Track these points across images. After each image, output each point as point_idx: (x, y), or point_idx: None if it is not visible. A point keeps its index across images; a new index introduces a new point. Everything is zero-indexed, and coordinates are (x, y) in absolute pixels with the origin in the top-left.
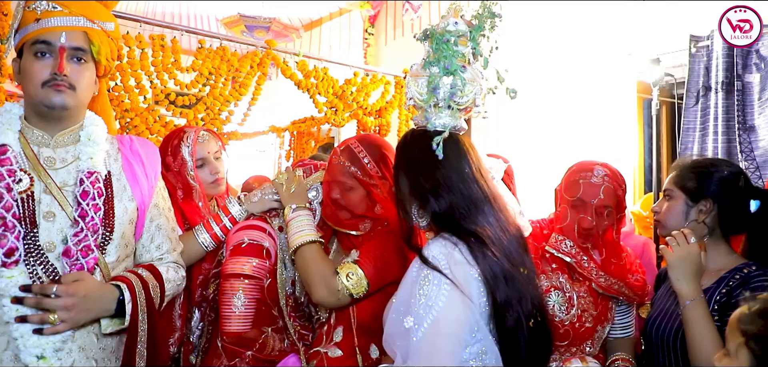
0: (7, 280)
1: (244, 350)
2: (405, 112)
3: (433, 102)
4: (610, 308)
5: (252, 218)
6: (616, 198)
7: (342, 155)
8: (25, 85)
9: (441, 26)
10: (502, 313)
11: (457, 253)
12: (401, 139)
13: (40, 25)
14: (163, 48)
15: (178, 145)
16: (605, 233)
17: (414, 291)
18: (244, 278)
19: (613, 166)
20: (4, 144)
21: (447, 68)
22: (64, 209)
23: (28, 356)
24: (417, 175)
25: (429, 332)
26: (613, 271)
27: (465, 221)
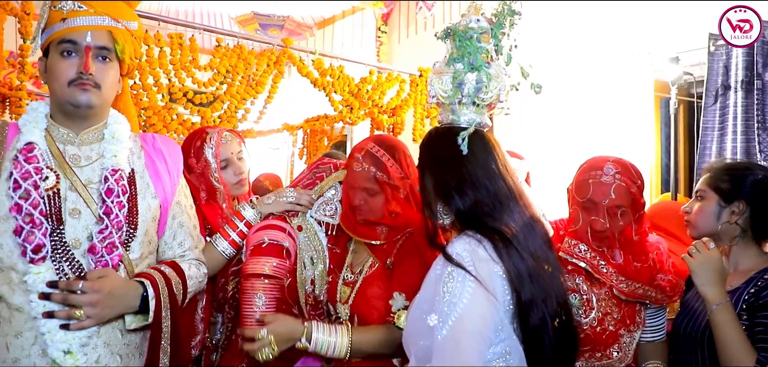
0: (35, 276)
1: None
2: (420, 110)
3: (458, 98)
4: (637, 311)
5: (271, 218)
6: (629, 197)
7: (364, 161)
8: (51, 84)
9: (463, 24)
10: (527, 312)
11: (482, 250)
12: (425, 138)
13: (66, 25)
14: (182, 47)
15: (201, 146)
16: (622, 234)
17: (438, 289)
18: (265, 277)
19: (626, 161)
20: (31, 142)
21: (472, 64)
22: (89, 206)
23: (55, 351)
24: (442, 172)
25: (453, 330)
26: (636, 274)
27: (490, 218)
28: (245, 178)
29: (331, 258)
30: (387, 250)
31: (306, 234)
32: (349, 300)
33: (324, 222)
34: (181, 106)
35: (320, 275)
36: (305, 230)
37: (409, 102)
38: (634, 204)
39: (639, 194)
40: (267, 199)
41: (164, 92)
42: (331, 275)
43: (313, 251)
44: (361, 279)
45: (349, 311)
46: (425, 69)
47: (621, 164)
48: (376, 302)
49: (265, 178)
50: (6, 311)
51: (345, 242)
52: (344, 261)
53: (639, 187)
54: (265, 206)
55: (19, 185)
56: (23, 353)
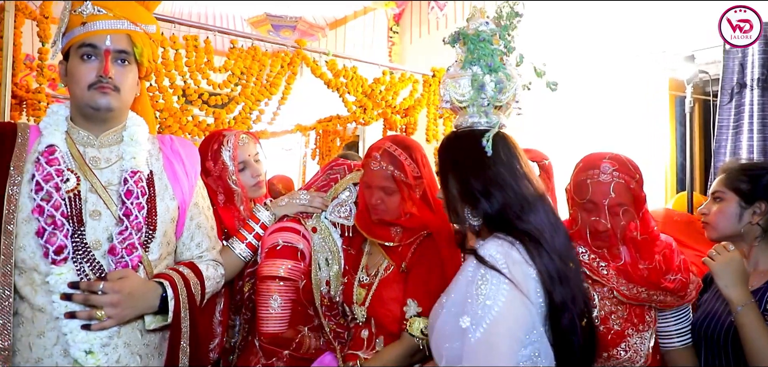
0: (57, 277)
1: (281, 350)
2: (433, 110)
3: (479, 101)
4: (646, 310)
5: (286, 219)
6: (629, 193)
7: (382, 160)
8: (72, 87)
9: (472, 27)
10: (559, 313)
11: (515, 252)
12: (445, 142)
13: (86, 29)
14: (197, 49)
15: (218, 149)
16: (625, 233)
17: (470, 291)
18: (280, 279)
19: (622, 156)
20: (52, 144)
21: (490, 66)
22: (109, 208)
23: (77, 351)
24: (467, 176)
25: (488, 332)
26: (640, 276)
27: (519, 220)
28: (263, 180)
29: (346, 259)
30: (402, 253)
31: (321, 235)
32: (365, 302)
33: (338, 224)
34: (197, 107)
35: (335, 276)
36: (320, 232)
37: (422, 102)
38: (635, 200)
39: (639, 189)
40: (281, 201)
41: (179, 94)
42: (346, 276)
43: (328, 252)
44: (376, 281)
45: (366, 313)
46: (438, 69)
47: (618, 160)
48: (392, 304)
49: (278, 181)
50: (28, 311)
51: (360, 243)
52: (359, 263)
53: (638, 181)
54: (279, 208)
55: (41, 187)
56: (45, 353)
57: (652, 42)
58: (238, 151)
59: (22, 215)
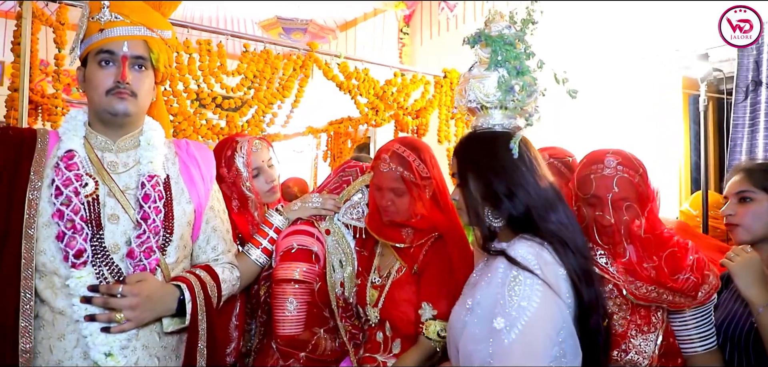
0: (77, 280)
1: (297, 352)
2: (444, 111)
3: (504, 103)
4: (652, 311)
5: (299, 223)
6: (633, 188)
7: (392, 161)
8: (90, 93)
9: (495, 29)
10: (587, 313)
11: (546, 253)
12: (464, 143)
13: (103, 36)
14: (210, 53)
15: (232, 156)
16: (628, 229)
17: (502, 292)
18: (295, 282)
19: (626, 151)
20: (71, 150)
21: (518, 69)
22: (126, 212)
23: (96, 354)
24: (490, 177)
25: (523, 333)
26: (647, 275)
27: (543, 220)
28: (277, 185)
29: (359, 261)
30: (414, 255)
31: (334, 237)
32: (378, 304)
33: (351, 225)
34: (210, 111)
35: (349, 277)
36: (333, 234)
37: (434, 103)
38: (640, 196)
39: (644, 184)
40: (293, 205)
41: (193, 98)
42: (359, 277)
43: (341, 254)
44: (388, 283)
45: (379, 314)
46: (449, 70)
47: (621, 155)
48: (405, 306)
49: (294, 183)
50: (49, 314)
51: (372, 245)
52: (372, 264)
53: (642, 176)
54: (292, 212)
55: (60, 191)
56: (66, 355)
57: (665, 40)
58: (251, 157)
59: (42, 220)
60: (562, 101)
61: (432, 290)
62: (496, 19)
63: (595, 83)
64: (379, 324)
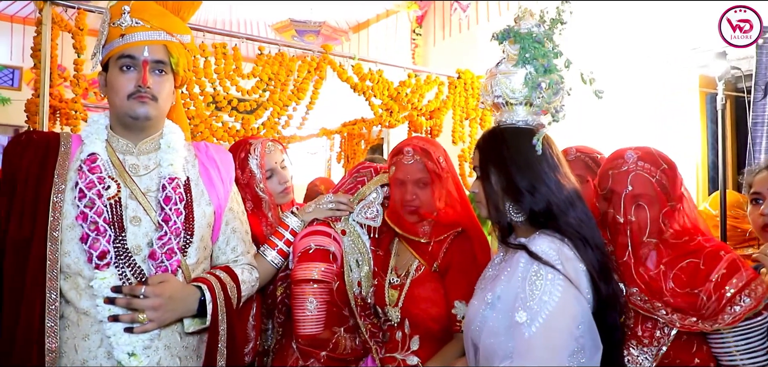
0: (100, 281)
1: (318, 351)
2: (458, 112)
3: (530, 100)
4: (658, 324)
5: (316, 224)
6: (651, 186)
7: (415, 154)
8: (111, 97)
9: (524, 27)
10: (605, 309)
11: (567, 248)
12: (487, 137)
13: (124, 41)
14: (225, 56)
15: (245, 158)
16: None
17: (524, 286)
18: (314, 282)
19: (651, 148)
20: (94, 153)
21: (546, 67)
22: (148, 214)
23: (120, 353)
24: (513, 172)
25: (544, 327)
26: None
27: (564, 216)
28: (290, 186)
29: (375, 261)
30: (432, 252)
31: (350, 238)
32: (398, 303)
33: (366, 225)
34: (226, 113)
35: (366, 276)
36: (349, 234)
37: (448, 104)
38: (659, 195)
39: (667, 182)
40: (308, 207)
41: (209, 101)
42: (376, 278)
43: (358, 253)
44: (408, 282)
45: (400, 314)
46: (463, 71)
47: (643, 151)
48: (426, 304)
49: (321, 183)
50: (74, 314)
51: (387, 244)
52: (388, 264)
53: (665, 173)
54: (307, 214)
55: (84, 194)
56: (90, 354)
57: (682, 39)
58: (265, 159)
59: (66, 222)
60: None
61: (462, 288)
62: (526, 16)
63: (611, 82)
64: (400, 324)
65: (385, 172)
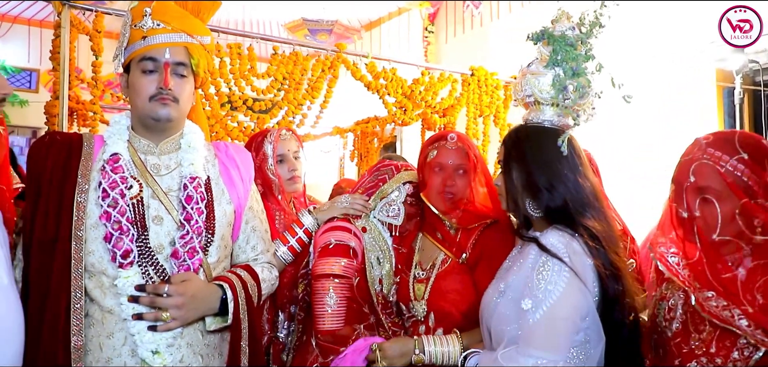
0: (124, 280)
1: (338, 347)
2: (472, 109)
3: (557, 101)
4: (739, 343)
5: (336, 220)
6: (717, 178)
7: (459, 141)
8: (133, 99)
9: (558, 30)
10: (611, 306)
11: (576, 243)
12: (513, 134)
13: (146, 43)
14: (240, 56)
15: (261, 141)
16: (702, 228)
17: (531, 276)
18: (334, 277)
19: (739, 133)
20: (116, 153)
21: (574, 70)
22: (170, 213)
23: (144, 351)
24: (533, 169)
25: (547, 315)
26: (716, 278)
27: (579, 215)
28: (299, 176)
29: (398, 258)
30: (460, 243)
31: (371, 235)
32: (424, 296)
33: (387, 223)
34: (241, 113)
35: (387, 274)
36: (370, 231)
37: (461, 102)
38: (734, 188)
39: (747, 173)
40: (323, 206)
41: (225, 101)
42: (398, 275)
43: (378, 251)
44: (434, 275)
45: (426, 307)
46: (477, 68)
47: (716, 136)
48: (454, 296)
49: (347, 184)
50: (98, 313)
51: (411, 241)
52: (412, 260)
53: (744, 162)
54: (322, 212)
55: (107, 194)
56: (114, 352)
57: (699, 33)
58: (278, 144)
59: (90, 221)
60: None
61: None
62: (561, 19)
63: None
64: (424, 317)
65: (407, 170)
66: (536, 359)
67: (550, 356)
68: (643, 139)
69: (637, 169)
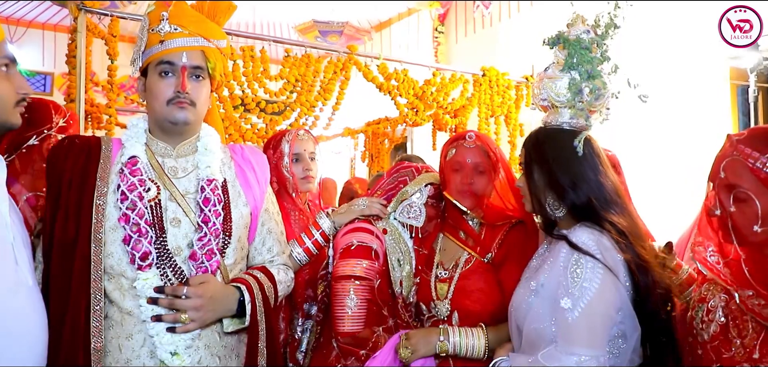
0: (143, 282)
1: (358, 350)
2: (484, 110)
3: (574, 104)
4: None
5: (357, 221)
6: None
7: (477, 140)
8: (151, 103)
9: (573, 33)
10: (643, 299)
11: (606, 239)
12: (533, 137)
13: (163, 47)
14: (253, 59)
15: (280, 140)
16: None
17: (565, 275)
18: (355, 279)
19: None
20: (135, 156)
21: (589, 73)
22: (187, 216)
23: (163, 353)
24: (555, 170)
25: (586, 312)
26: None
27: (604, 211)
28: (312, 176)
29: (418, 259)
30: (485, 243)
31: (391, 237)
32: (447, 296)
33: (408, 225)
34: (254, 115)
35: (407, 275)
36: (390, 233)
37: (473, 102)
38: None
39: None
40: (340, 209)
41: (238, 103)
42: (418, 275)
43: (399, 253)
44: (457, 274)
45: (449, 306)
46: (488, 68)
47: (750, 132)
48: (478, 294)
49: (356, 182)
50: (118, 314)
51: (431, 242)
52: (433, 260)
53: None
54: (340, 215)
55: (126, 196)
56: (133, 353)
57: (713, 30)
58: (295, 143)
59: (109, 224)
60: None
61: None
62: (576, 22)
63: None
64: (448, 316)
65: (429, 172)
66: (579, 357)
67: (592, 352)
68: (656, 138)
69: (650, 169)
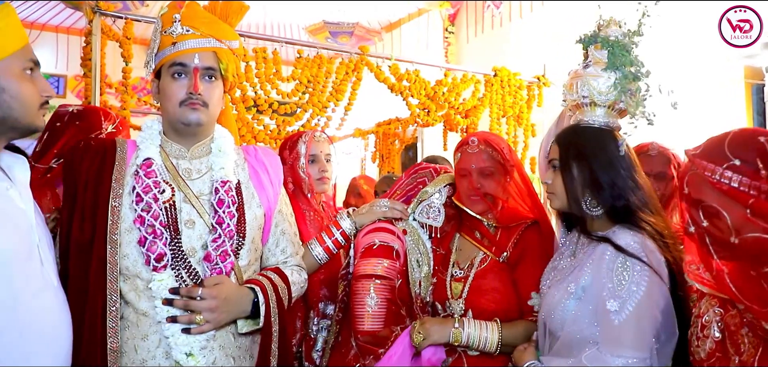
0: (158, 283)
1: (377, 349)
2: (495, 110)
3: (615, 103)
4: None
5: (379, 222)
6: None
7: (480, 144)
8: (164, 104)
9: (612, 34)
10: (683, 300)
11: (649, 241)
12: (569, 133)
13: (176, 49)
14: (265, 60)
15: (296, 141)
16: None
17: (611, 277)
18: (376, 278)
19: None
20: (149, 158)
21: (635, 75)
22: (201, 217)
23: (178, 353)
24: (594, 169)
25: (634, 315)
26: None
27: (641, 212)
28: (328, 177)
29: (436, 259)
30: (500, 243)
31: (411, 237)
32: (462, 295)
33: (427, 225)
34: (267, 116)
35: (426, 276)
36: (410, 234)
37: (485, 102)
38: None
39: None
40: (362, 210)
41: (251, 104)
42: (435, 275)
43: (418, 253)
44: (472, 274)
45: (464, 305)
46: (500, 68)
47: (705, 145)
48: (493, 294)
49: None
50: (133, 315)
51: (448, 242)
52: (449, 260)
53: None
54: (361, 216)
55: (141, 198)
56: (149, 354)
57: None
58: (312, 144)
59: (124, 225)
60: None
61: (537, 279)
62: (610, 24)
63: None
64: (462, 315)
65: (448, 173)
66: (626, 360)
67: (639, 354)
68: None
69: None
